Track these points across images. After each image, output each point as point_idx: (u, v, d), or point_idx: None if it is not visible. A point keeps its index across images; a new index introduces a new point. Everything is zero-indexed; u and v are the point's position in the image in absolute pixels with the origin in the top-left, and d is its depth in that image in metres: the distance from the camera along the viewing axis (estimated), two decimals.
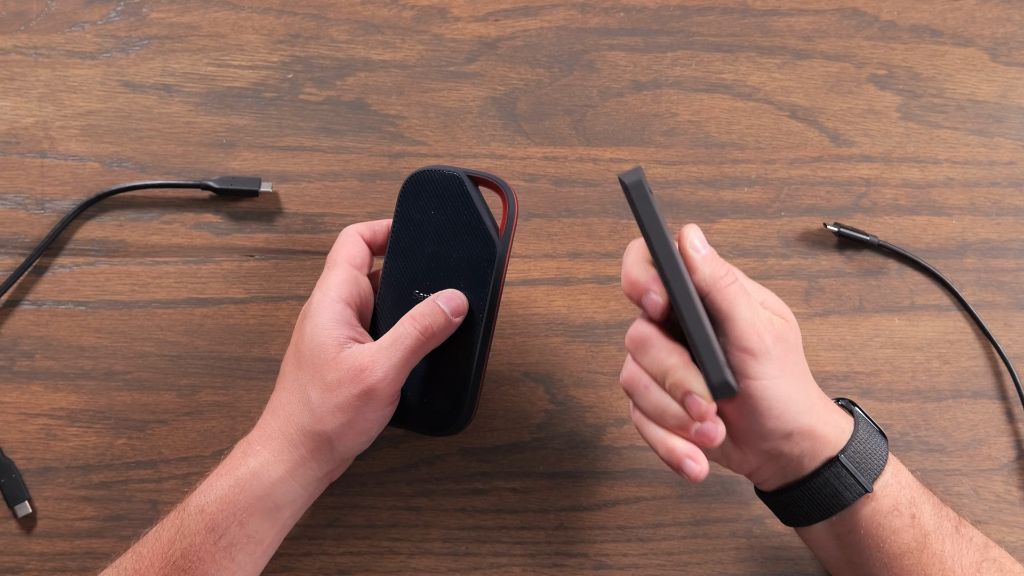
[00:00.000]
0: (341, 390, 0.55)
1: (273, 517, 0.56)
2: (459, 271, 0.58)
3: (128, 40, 0.71)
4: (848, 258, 0.70)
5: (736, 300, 0.51)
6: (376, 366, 0.55)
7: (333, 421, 0.55)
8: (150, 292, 0.69)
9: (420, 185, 0.60)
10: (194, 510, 0.55)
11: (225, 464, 0.57)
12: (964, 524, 0.56)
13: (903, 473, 0.55)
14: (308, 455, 0.56)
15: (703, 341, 0.48)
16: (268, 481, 0.55)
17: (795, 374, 0.52)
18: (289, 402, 0.57)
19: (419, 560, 0.67)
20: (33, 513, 0.67)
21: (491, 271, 0.58)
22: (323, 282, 0.58)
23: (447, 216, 0.59)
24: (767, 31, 0.72)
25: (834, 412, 0.55)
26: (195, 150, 0.70)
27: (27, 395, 0.68)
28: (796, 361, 0.53)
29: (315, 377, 0.56)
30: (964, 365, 0.69)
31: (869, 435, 0.55)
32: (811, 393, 0.54)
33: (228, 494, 0.55)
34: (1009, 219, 0.70)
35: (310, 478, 0.57)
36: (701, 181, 0.70)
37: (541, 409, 0.69)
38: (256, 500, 0.55)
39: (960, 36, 0.72)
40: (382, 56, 0.71)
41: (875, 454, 0.54)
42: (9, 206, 0.70)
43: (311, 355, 0.56)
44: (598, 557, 0.67)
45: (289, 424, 0.56)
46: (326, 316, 0.57)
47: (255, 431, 0.57)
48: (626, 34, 0.72)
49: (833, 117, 0.71)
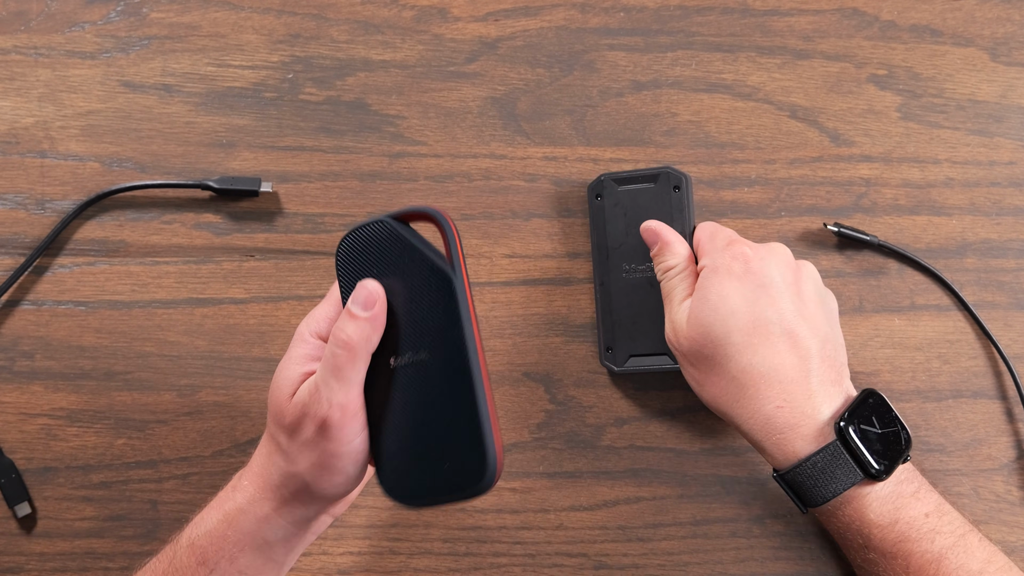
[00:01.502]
0: (301, 430, 0.52)
1: (264, 554, 0.55)
2: (426, 319, 0.52)
3: (128, 40, 0.71)
4: (848, 258, 0.70)
5: (665, 296, 0.61)
6: (319, 396, 0.51)
7: (304, 461, 0.53)
8: (150, 292, 0.69)
9: (351, 251, 0.54)
10: (186, 543, 0.55)
11: (218, 497, 0.56)
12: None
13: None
14: (290, 496, 0.54)
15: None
16: (255, 518, 0.54)
17: (719, 386, 0.57)
18: (267, 443, 0.55)
19: (419, 560, 0.67)
20: (33, 513, 0.67)
21: (456, 304, 0.51)
22: (312, 312, 0.56)
23: (390, 269, 0.53)
24: (767, 31, 0.72)
25: (768, 441, 0.56)
26: (195, 150, 0.70)
27: (27, 395, 0.68)
28: (722, 373, 0.57)
29: (276, 419, 0.54)
30: (964, 365, 0.69)
31: (825, 465, 0.55)
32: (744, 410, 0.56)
33: (217, 528, 0.54)
34: (1009, 219, 0.70)
35: (299, 517, 0.55)
36: (701, 181, 0.70)
37: (541, 409, 0.69)
38: (245, 536, 0.54)
39: (960, 36, 0.72)
40: (382, 56, 0.71)
41: (822, 488, 0.55)
42: (9, 206, 0.70)
43: (272, 395, 0.54)
44: (598, 557, 0.67)
45: (270, 464, 0.54)
46: (297, 351, 0.54)
47: (248, 466, 0.56)
48: (626, 34, 0.72)
49: (833, 117, 0.71)
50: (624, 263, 0.67)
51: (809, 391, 0.56)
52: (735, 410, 0.57)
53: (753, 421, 0.56)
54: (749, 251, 0.58)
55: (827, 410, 0.56)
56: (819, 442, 0.55)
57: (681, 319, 0.59)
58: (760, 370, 0.56)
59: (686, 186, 0.66)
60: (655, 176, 0.67)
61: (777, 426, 0.55)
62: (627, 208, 0.67)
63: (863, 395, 0.57)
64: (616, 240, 0.67)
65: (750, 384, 0.56)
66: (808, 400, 0.56)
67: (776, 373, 0.56)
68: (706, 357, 0.58)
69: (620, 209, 0.67)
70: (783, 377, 0.56)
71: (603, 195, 0.68)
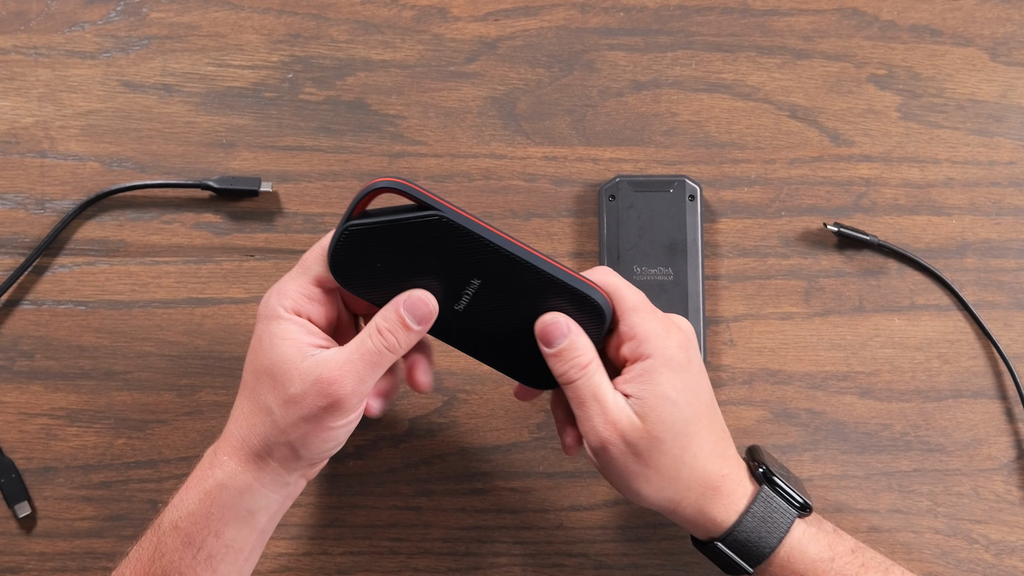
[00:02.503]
0: (305, 402, 0.52)
1: (249, 524, 0.55)
2: (450, 259, 0.53)
3: (128, 40, 0.71)
4: (848, 258, 0.70)
5: (587, 394, 0.54)
6: (345, 379, 0.52)
7: (296, 432, 0.53)
8: (150, 292, 0.69)
9: (345, 260, 0.53)
10: (168, 526, 0.54)
11: (194, 476, 0.55)
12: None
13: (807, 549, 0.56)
14: (274, 463, 0.54)
15: None
16: (236, 490, 0.54)
17: (666, 476, 0.55)
18: (251, 412, 0.54)
19: (419, 560, 0.67)
20: (33, 513, 0.67)
21: (459, 227, 0.52)
22: (281, 287, 0.55)
23: (391, 253, 0.53)
24: (767, 31, 0.72)
25: (715, 506, 0.56)
26: (195, 150, 0.70)
27: (27, 395, 0.68)
28: (672, 463, 0.55)
29: (275, 388, 0.53)
30: (964, 365, 0.69)
31: (765, 514, 0.56)
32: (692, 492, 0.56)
33: (199, 508, 0.54)
34: (1009, 219, 0.70)
35: (280, 483, 0.55)
36: (701, 181, 0.70)
37: (541, 409, 0.69)
38: (227, 510, 0.54)
39: (960, 36, 0.72)
40: (382, 56, 0.71)
41: (768, 537, 0.56)
42: (9, 206, 0.70)
43: (271, 364, 0.53)
44: (598, 557, 0.67)
45: (252, 434, 0.54)
46: (283, 326, 0.53)
47: (220, 440, 0.55)
48: (626, 34, 0.72)
49: (833, 117, 0.71)
50: (636, 265, 0.67)
51: (736, 453, 0.58)
52: (682, 493, 0.56)
53: (702, 498, 0.56)
54: (683, 336, 0.56)
55: (743, 465, 0.58)
56: (749, 496, 0.56)
57: (624, 415, 0.54)
58: (710, 449, 0.56)
59: (700, 196, 0.68)
60: (671, 184, 0.68)
61: (724, 493, 0.56)
62: (641, 212, 0.68)
63: (749, 447, 0.60)
64: (628, 243, 0.68)
65: (700, 466, 0.55)
66: (738, 461, 0.58)
67: (718, 447, 0.56)
68: (659, 452, 0.55)
69: (635, 212, 0.68)
70: (723, 451, 0.56)
71: (617, 197, 0.68)
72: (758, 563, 0.56)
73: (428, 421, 0.68)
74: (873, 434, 0.68)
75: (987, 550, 0.67)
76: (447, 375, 0.68)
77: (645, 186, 0.68)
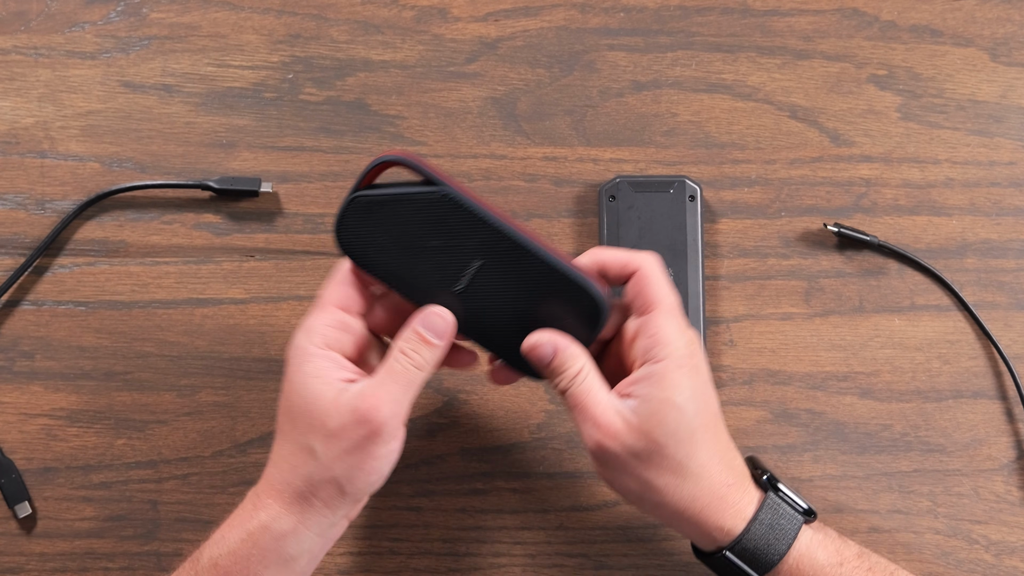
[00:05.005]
0: (345, 434, 0.53)
1: (288, 568, 0.55)
2: (452, 236, 0.54)
3: (128, 40, 0.71)
4: (848, 258, 0.70)
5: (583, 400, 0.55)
6: (382, 404, 0.53)
7: (340, 466, 0.53)
8: (150, 292, 0.69)
9: (350, 239, 0.55)
10: (208, 563, 0.54)
11: (236, 515, 0.55)
12: None
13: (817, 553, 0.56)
14: (318, 503, 0.54)
15: None
16: (279, 533, 0.54)
17: (672, 482, 0.54)
18: (291, 453, 0.54)
19: (419, 560, 0.67)
20: (33, 513, 0.67)
21: (462, 206, 0.53)
22: (307, 325, 0.55)
23: (396, 226, 0.54)
24: (767, 31, 0.72)
25: (722, 515, 0.55)
26: (195, 150, 0.70)
27: (27, 395, 0.68)
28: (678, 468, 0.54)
29: (314, 425, 0.53)
30: (964, 365, 0.69)
31: (772, 520, 0.55)
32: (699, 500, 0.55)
33: (240, 548, 0.54)
34: (1009, 219, 0.70)
35: (324, 525, 0.55)
36: (701, 181, 0.70)
37: (541, 409, 0.69)
38: (268, 553, 0.54)
39: (960, 36, 0.72)
40: (382, 56, 0.71)
41: (777, 544, 0.55)
42: (9, 206, 0.70)
43: (305, 404, 0.54)
44: (598, 557, 0.67)
45: (295, 476, 0.54)
46: (314, 363, 0.54)
47: (261, 483, 0.55)
48: (626, 34, 0.72)
49: (833, 117, 0.71)
50: None
51: (742, 462, 0.58)
52: (687, 502, 0.55)
53: (708, 508, 0.55)
54: (696, 346, 0.56)
55: (747, 473, 0.58)
56: (756, 503, 0.56)
57: (619, 418, 0.54)
58: (717, 459, 0.55)
59: (700, 197, 0.68)
60: (671, 184, 0.68)
61: (731, 502, 0.55)
62: (642, 212, 0.68)
63: (747, 458, 0.59)
64: (629, 243, 0.67)
65: (706, 475, 0.55)
66: (743, 470, 0.57)
67: (725, 458, 0.56)
68: (660, 457, 0.54)
69: (635, 213, 0.68)
70: (730, 461, 0.56)
71: (617, 197, 0.68)
72: (766, 571, 0.55)
73: (428, 421, 0.68)
74: (873, 434, 0.68)
75: (987, 550, 0.67)
76: (447, 375, 0.68)
77: (645, 186, 0.68)
